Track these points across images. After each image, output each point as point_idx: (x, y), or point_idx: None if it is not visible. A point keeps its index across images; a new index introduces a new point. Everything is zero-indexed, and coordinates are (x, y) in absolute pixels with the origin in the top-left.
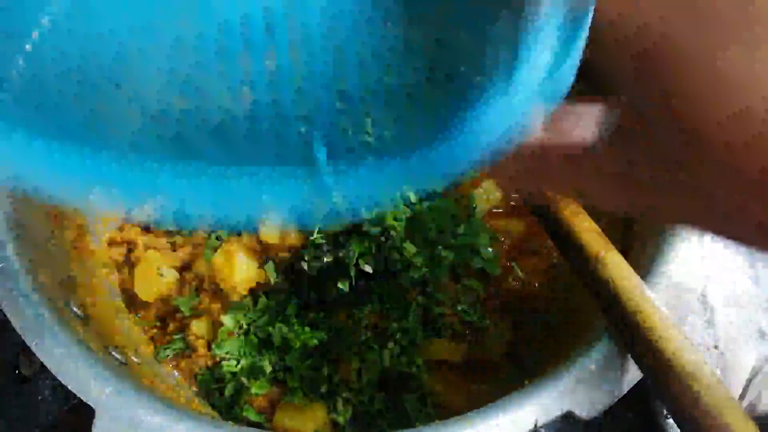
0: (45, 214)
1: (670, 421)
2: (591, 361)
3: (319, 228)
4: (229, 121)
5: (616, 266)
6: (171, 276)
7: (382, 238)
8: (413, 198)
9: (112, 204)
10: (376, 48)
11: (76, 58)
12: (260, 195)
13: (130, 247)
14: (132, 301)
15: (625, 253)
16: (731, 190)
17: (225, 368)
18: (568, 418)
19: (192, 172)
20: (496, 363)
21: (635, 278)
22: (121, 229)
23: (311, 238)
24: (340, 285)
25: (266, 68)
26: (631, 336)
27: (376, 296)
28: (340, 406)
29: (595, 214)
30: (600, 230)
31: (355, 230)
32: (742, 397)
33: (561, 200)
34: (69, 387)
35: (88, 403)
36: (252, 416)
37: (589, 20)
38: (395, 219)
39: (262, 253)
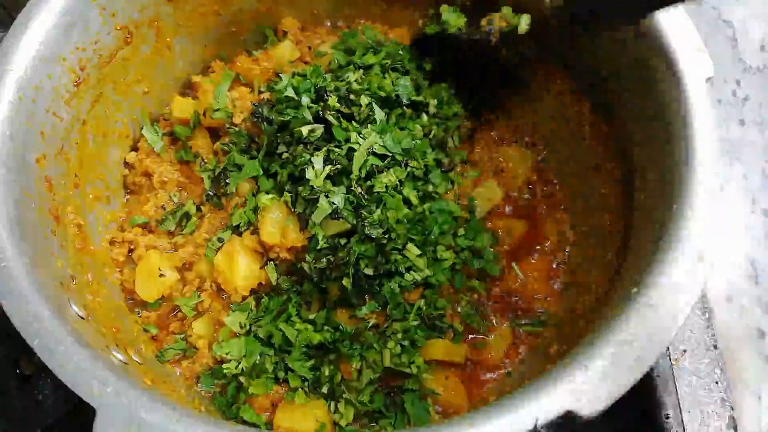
0: (46, 214)
1: (671, 420)
2: (590, 361)
3: (321, 229)
4: None
5: None
6: (172, 276)
7: (384, 240)
8: (414, 200)
9: None
10: None
11: None
12: None
13: (131, 247)
14: (133, 301)
15: (625, 253)
16: None
17: (226, 368)
18: (567, 417)
19: None
20: (496, 363)
21: None
22: (122, 229)
23: (312, 239)
24: (344, 282)
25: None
26: None
27: (377, 297)
28: (341, 407)
29: (596, 215)
30: None
31: (356, 232)
32: None
33: None
34: (69, 386)
35: (89, 402)
36: (253, 416)
37: None
38: (397, 221)
39: (264, 254)
